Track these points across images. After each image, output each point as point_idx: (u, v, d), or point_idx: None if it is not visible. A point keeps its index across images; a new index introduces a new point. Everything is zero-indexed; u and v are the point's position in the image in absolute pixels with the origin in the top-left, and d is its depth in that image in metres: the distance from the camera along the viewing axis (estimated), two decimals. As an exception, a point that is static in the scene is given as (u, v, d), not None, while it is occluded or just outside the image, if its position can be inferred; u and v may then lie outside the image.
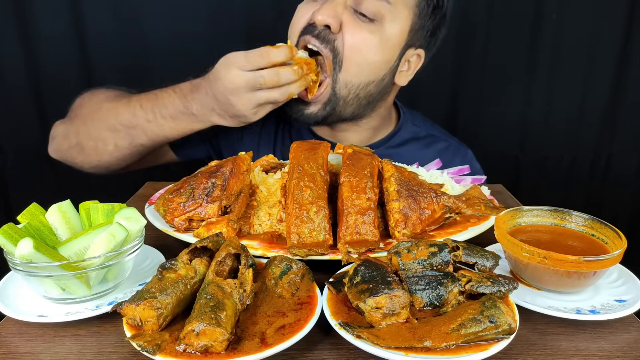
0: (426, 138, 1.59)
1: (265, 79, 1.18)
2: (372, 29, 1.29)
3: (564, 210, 0.94)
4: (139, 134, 1.35)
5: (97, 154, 1.41)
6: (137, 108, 1.34)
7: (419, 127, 1.61)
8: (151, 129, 1.33)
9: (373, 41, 1.30)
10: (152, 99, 1.33)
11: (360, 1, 1.27)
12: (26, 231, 0.80)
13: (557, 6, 2.11)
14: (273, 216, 1.03)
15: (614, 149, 2.34)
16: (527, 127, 2.32)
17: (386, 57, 1.35)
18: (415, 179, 1.06)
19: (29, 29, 1.99)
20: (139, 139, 1.36)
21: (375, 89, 1.39)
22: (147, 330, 0.68)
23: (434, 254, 0.78)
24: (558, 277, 0.81)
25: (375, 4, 1.27)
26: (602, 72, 2.21)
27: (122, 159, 1.42)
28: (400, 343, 0.66)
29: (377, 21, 1.29)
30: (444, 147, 1.59)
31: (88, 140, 1.41)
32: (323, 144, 1.07)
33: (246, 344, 0.66)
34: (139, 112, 1.33)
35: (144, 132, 1.34)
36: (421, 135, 1.60)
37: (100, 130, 1.39)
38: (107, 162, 1.43)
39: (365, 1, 1.27)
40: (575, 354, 0.72)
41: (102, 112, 1.40)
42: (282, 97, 1.22)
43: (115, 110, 1.37)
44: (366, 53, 1.31)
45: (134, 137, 1.36)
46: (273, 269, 0.81)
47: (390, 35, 1.32)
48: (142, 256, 0.92)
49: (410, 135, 1.58)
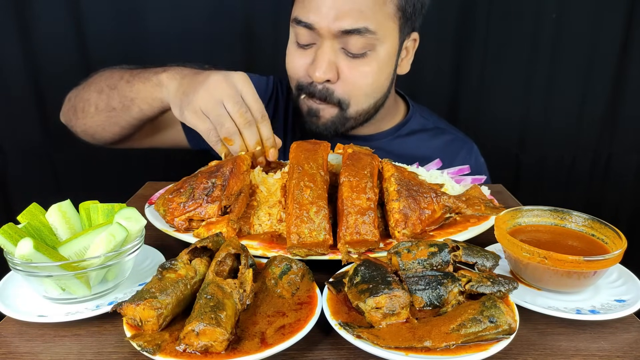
0: (433, 130, 1.62)
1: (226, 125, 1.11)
2: (367, 62, 1.32)
3: (564, 210, 0.94)
4: (113, 95, 1.35)
5: (83, 116, 1.43)
6: (127, 72, 1.35)
7: (426, 120, 1.64)
8: (123, 89, 1.33)
9: (372, 71, 1.34)
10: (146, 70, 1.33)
11: (346, 42, 1.29)
12: (26, 231, 0.80)
13: (557, 6, 2.11)
14: (273, 216, 1.03)
15: (614, 149, 2.34)
16: (527, 127, 2.32)
17: (387, 73, 1.40)
18: (415, 179, 1.06)
19: (29, 29, 1.99)
20: (112, 100, 1.36)
21: (383, 99, 1.44)
22: (147, 330, 0.68)
23: (434, 254, 0.78)
24: (558, 277, 0.81)
25: (361, 41, 1.28)
26: (602, 72, 2.21)
27: (102, 126, 1.42)
28: (400, 343, 0.66)
29: (370, 51, 1.31)
30: (450, 140, 1.61)
31: (79, 102, 1.44)
32: (323, 144, 1.07)
33: (246, 344, 0.66)
34: (126, 75, 1.35)
35: (118, 93, 1.34)
36: (429, 127, 1.62)
37: (91, 92, 1.41)
38: (90, 127, 1.44)
39: (351, 41, 1.28)
40: (575, 354, 0.72)
41: (101, 77, 1.42)
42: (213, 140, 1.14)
43: (111, 74, 1.40)
44: (369, 84, 1.36)
45: (110, 99, 1.36)
46: (273, 269, 0.81)
47: (385, 56, 1.35)
48: (142, 256, 0.92)
49: (418, 127, 1.61)
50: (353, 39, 1.27)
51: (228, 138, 1.12)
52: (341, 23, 1.25)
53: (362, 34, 1.27)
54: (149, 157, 2.17)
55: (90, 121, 1.43)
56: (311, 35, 1.30)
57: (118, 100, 1.35)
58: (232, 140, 1.13)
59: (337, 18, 1.25)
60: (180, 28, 2.05)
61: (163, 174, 2.19)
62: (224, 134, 1.12)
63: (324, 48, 1.29)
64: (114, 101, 1.36)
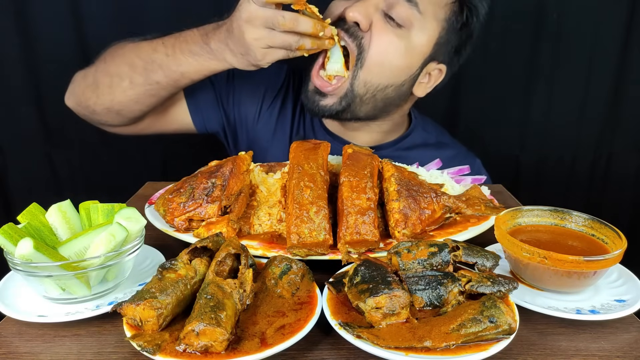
0: (435, 145, 1.60)
1: (284, 20, 1.15)
2: (400, 34, 1.31)
3: (564, 210, 0.94)
4: (155, 68, 1.33)
5: (110, 91, 1.40)
6: (158, 44, 1.34)
7: (429, 133, 1.62)
8: (168, 64, 1.32)
9: (399, 46, 1.32)
10: (176, 36, 1.34)
11: (392, 5, 1.29)
12: (26, 231, 0.80)
13: (557, 6, 2.11)
14: (273, 216, 1.03)
15: (614, 149, 2.34)
16: (527, 127, 2.31)
17: (409, 63, 1.37)
18: (415, 179, 1.06)
19: (29, 28, 1.99)
20: (155, 74, 1.34)
21: (393, 93, 1.40)
22: (147, 330, 0.68)
23: (434, 254, 0.78)
24: (558, 277, 0.81)
25: (406, 11, 1.29)
26: (602, 72, 2.21)
27: (136, 99, 1.39)
28: (400, 343, 0.66)
29: (406, 27, 1.31)
30: (453, 155, 1.59)
31: (104, 77, 1.40)
32: (323, 144, 1.07)
33: (246, 344, 0.66)
34: (160, 47, 1.33)
35: (161, 67, 1.33)
36: (431, 141, 1.61)
37: (119, 65, 1.38)
38: (119, 102, 1.41)
39: (397, 6, 1.29)
40: (575, 354, 0.72)
41: (124, 50, 1.41)
42: (295, 45, 1.20)
43: (138, 47, 1.38)
44: (390, 56, 1.33)
45: (150, 73, 1.34)
46: (273, 269, 0.81)
47: (416, 44, 1.34)
48: (142, 256, 0.92)
49: (420, 141, 1.59)
50: (399, 5, 1.29)
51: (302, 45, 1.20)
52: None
53: (410, 5, 1.29)
54: (148, 157, 2.17)
55: (122, 95, 1.39)
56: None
57: (162, 74, 1.33)
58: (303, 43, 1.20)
59: None
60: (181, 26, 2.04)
61: (163, 174, 2.19)
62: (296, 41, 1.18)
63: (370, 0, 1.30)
64: (155, 75, 1.34)
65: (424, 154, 1.54)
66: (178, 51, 1.31)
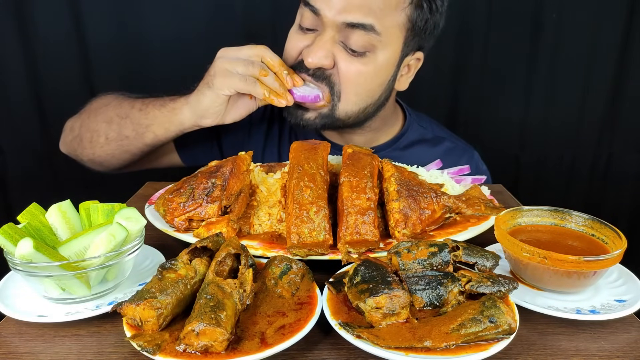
0: (433, 139, 1.59)
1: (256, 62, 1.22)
2: (365, 62, 1.29)
3: (564, 210, 0.94)
4: (127, 124, 1.37)
5: (91, 146, 1.44)
6: (138, 102, 1.38)
7: (425, 129, 1.61)
8: (138, 118, 1.35)
9: (367, 72, 1.30)
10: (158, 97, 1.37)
11: (348, 37, 1.26)
12: (26, 231, 0.80)
13: (557, 6, 2.11)
14: (273, 216, 1.03)
15: (614, 149, 2.34)
16: (527, 127, 2.32)
17: (382, 80, 1.36)
18: (415, 179, 1.06)
19: (29, 29, 1.99)
20: (126, 129, 1.37)
21: (373, 107, 1.40)
22: (147, 330, 0.68)
23: (434, 254, 0.78)
24: (558, 277, 0.81)
25: (364, 38, 1.25)
26: (602, 72, 2.21)
27: (111, 154, 1.44)
28: (400, 343, 0.66)
29: (369, 52, 1.28)
30: (451, 148, 1.58)
31: (86, 132, 1.45)
32: (323, 144, 1.07)
33: (246, 344, 0.66)
34: (137, 104, 1.37)
35: (132, 122, 1.36)
36: (428, 136, 1.60)
37: (98, 122, 1.42)
38: (99, 156, 1.46)
39: (353, 36, 1.25)
40: (575, 354, 0.72)
41: (107, 106, 1.44)
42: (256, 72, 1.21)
43: (119, 104, 1.41)
44: (362, 84, 1.32)
45: (122, 128, 1.38)
46: (273, 269, 0.81)
47: (383, 62, 1.31)
48: (142, 256, 0.92)
49: (417, 137, 1.58)
50: (356, 34, 1.25)
51: (263, 70, 1.21)
52: (347, 16, 1.23)
53: (366, 31, 1.24)
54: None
55: (100, 151, 1.44)
56: (315, 20, 1.28)
57: (131, 128, 1.37)
58: (267, 72, 1.21)
59: (344, 10, 1.23)
60: (180, 30, 2.05)
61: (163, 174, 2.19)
62: (257, 67, 1.20)
63: (324, 36, 1.27)
64: (126, 130, 1.37)
65: (423, 149, 1.55)
66: (150, 106, 1.35)
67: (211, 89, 1.23)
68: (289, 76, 1.25)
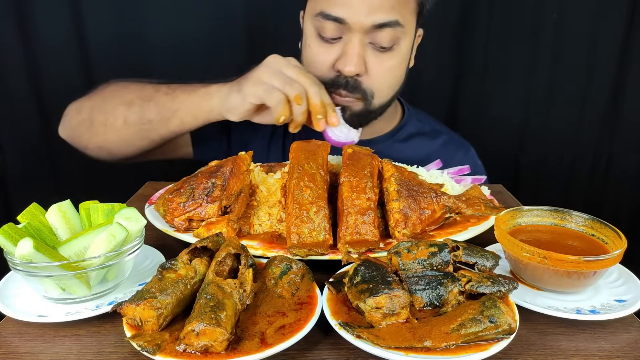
0: (430, 132, 1.63)
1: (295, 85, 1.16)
2: (392, 55, 1.34)
3: (564, 210, 0.94)
4: (151, 107, 1.32)
5: (104, 130, 1.38)
6: (163, 86, 1.34)
7: (423, 123, 1.65)
8: (164, 101, 1.31)
9: (396, 64, 1.36)
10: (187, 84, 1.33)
11: (375, 36, 1.29)
12: (26, 231, 0.80)
13: (557, 6, 2.11)
14: (273, 216, 1.03)
15: (614, 149, 2.34)
16: (527, 127, 2.32)
17: (406, 65, 1.43)
18: (415, 179, 1.06)
19: (30, 28, 1.99)
20: (149, 112, 1.32)
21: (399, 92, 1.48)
22: (147, 330, 0.68)
23: (434, 254, 0.78)
24: (558, 277, 0.81)
25: (391, 34, 1.30)
26: (602, 72, 2.21)
27: (127, 140, 1.38)
28: (400, 343, 0.66)
29: (396, 44, 1.33)
30: (447, 141, 1.63)
31: (99, 114, 1.38)
32: (323, 144, 1.07)
33: (246, 344, 0.66)
34: (163, 88, 1.34)
35: (157, 105, 1.32)
36: (426, 130, 1.63)
37: (115, 104, 1.37)
38: (112, 141, 1.40)
39: (381, 35, 1.29)
40: (575, 354, 0.72)
41: (126, 88, 1.39)
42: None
43: (141, 86, 1.37)
44: (393, 76, 1.39)
45: (145, 111, 1.33)
46: (273, 269, 0.81)
47: (406, 50, 1.38)
48: (142, 256, 0.92)
49: (416, 130, 1.61)
50: (384, 32, 1.28)
51: (299, 96, 1.16)
52: (374, 17, 1.26)
53: (393, 27, 1.29)
54: (149, 157, 2.17)
55: (114, 135, 1.38)
56: (339, 29, 1.30)
57: (156, 112, 1.32)
58: (302, 99, 1.16)
59: (369, 12, 1.26)
60: (180, 30, 2.04)
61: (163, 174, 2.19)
62: (295, 91, 1.15)
63: (354, 42, 1.29)
64: (149, 113, 1.32)
65: (421, 142, 1.59)
66: (178, 91, 1.31)
67: (240, 93, 1.21)
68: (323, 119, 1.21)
